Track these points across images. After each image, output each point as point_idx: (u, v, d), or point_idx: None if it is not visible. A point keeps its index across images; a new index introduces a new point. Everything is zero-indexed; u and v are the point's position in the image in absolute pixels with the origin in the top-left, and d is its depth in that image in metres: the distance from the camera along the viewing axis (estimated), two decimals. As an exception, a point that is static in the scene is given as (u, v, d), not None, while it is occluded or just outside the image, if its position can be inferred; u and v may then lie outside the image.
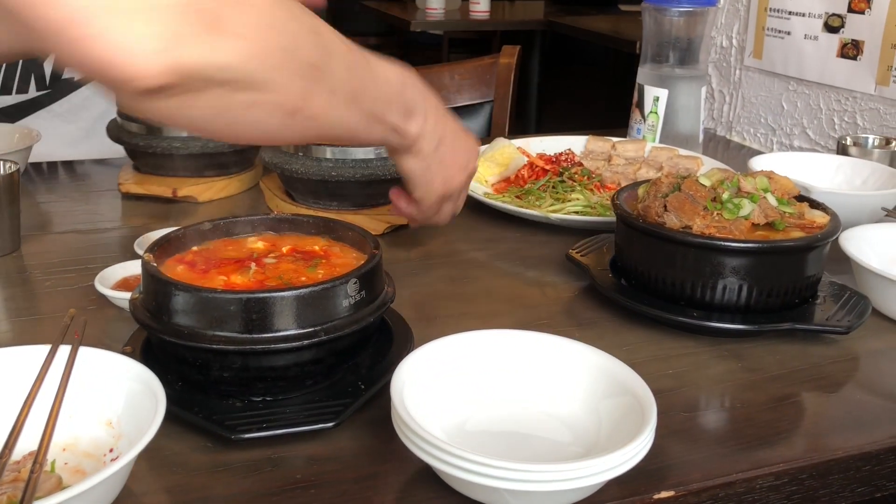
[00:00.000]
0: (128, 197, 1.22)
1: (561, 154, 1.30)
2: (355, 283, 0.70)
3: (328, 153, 1.08)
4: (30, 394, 0.60)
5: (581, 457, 0.62)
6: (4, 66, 1.41)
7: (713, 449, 0.69)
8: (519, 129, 2.44)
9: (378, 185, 1.08)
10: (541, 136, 1.44)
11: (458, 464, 0.55)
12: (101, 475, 0.51)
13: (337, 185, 1.09)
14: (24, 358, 0.66)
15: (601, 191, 1.22)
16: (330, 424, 0.66)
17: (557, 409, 0.68)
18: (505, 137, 1.40)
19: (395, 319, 0.82)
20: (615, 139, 1.43)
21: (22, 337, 0.84)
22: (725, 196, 0.87)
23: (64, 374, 0.63)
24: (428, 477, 0.63)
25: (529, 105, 4.52)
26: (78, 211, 1.19)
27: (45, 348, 0.66)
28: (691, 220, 0.84)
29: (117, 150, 1.51)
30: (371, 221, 1.10)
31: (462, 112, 1.95)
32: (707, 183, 0.89)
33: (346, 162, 1.08)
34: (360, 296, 0.71)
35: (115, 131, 1.24)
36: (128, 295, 0.85)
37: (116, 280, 0.91)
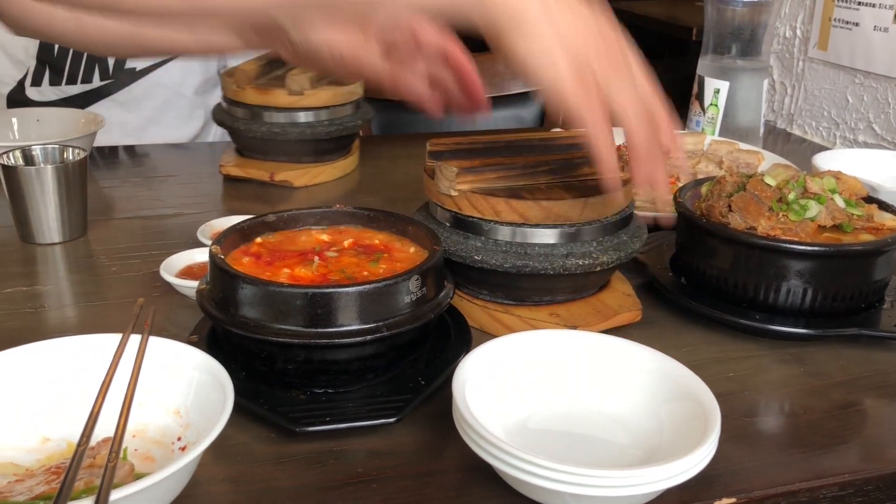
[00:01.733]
0: (228, 179, 1.26)
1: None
2: (417, 279, 0.70)
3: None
4: (104, 382, 0.62)
5: (642, 461, 0.62)
6: (71, 55, 1.44)
7: (775, 456, 0.68)
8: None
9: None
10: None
11: (521, 466, 0.55)
12: (178, 464, 0.53)
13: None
14: (96, 346, 0.68)
15: (659, 185, 1.20)
16: (391, 420, 0.67)
17: (616, 410, 0.68)
18: (559, 127, 1.38)
19: (453, 314, 0.83)
20: (673, 132, 1.41)
21: (89, 322, 0.86)
22: (791, 197, 0.85)
23: (135, 363, 0.64)
24: (486, 475, 0.63)
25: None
26: (140, 197, 1.22)
27: (115, 337, 0.68)
28: (756, 221, 0.83)
29: (176, 139, 1.54)
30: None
31: (515, 100, 1.94)
32: (772, 183, 0.87)
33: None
34: (421, 292, 0.71)
35: (220, 115, 1.27)
36: (192, 283, 0.87)
37: (180, 268, 0.93)
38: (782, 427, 0.74)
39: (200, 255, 0.95)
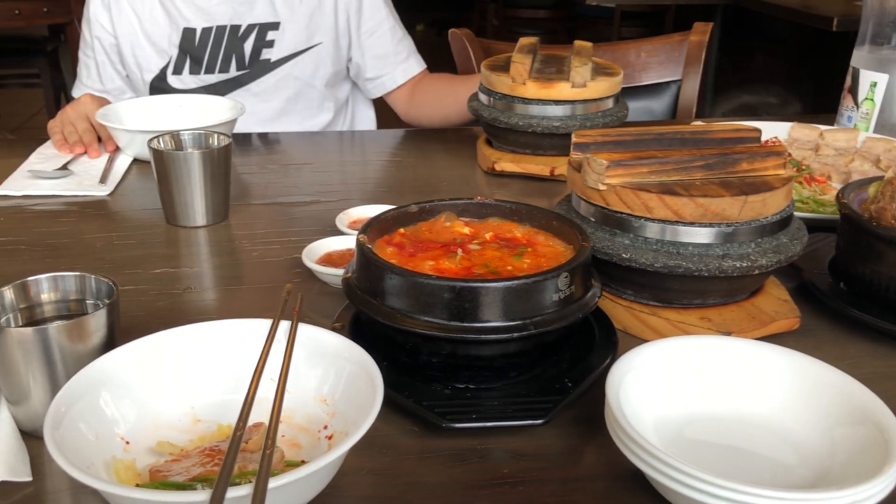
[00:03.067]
0: (491, 173, 1.25)
1: (766, 142, 1.22)
2: (566, 277, 0.68)
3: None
4: (257, 368, 0.63)
5: (811, 483, 0.58)
6: (210, 47, 1.49)
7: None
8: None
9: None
10: (734, 120, 1.35)
11: (684, 480, 0.52)
12: (334, 454, 0.53)
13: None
14: (245, 330, 0.69)
15: (811, 184, 1.13)
16: (539, 421, 0.64)
17: (781, 426, 0.63)
18: (693, 120, 1.32)
19: (596, 313, 0.80)
20: (823, 127, 1.32)
21: (233, 305, 0.88)
22: (976, 200, 0.78)
23: (286, 350, 0.65)
24: (636, 483, 0.60)
25: (706, 85, 4.30)
26: (277, 184, 1.24)
27: (264, 323, 0.69)
28: (935, 226, 0.76)
29: (306, 130, 1.56)
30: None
31: (646, 91, 1.88)
32: (953, 185, 0.80)
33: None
34: (570, 290, 0.69)
35: (482, 110, 1.23)
36: (334, 271, 0.88)
37: (320, 255, 0.93)
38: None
39: (339, 243, 0.95)
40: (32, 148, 1.32)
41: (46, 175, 1.20)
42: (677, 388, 0.65)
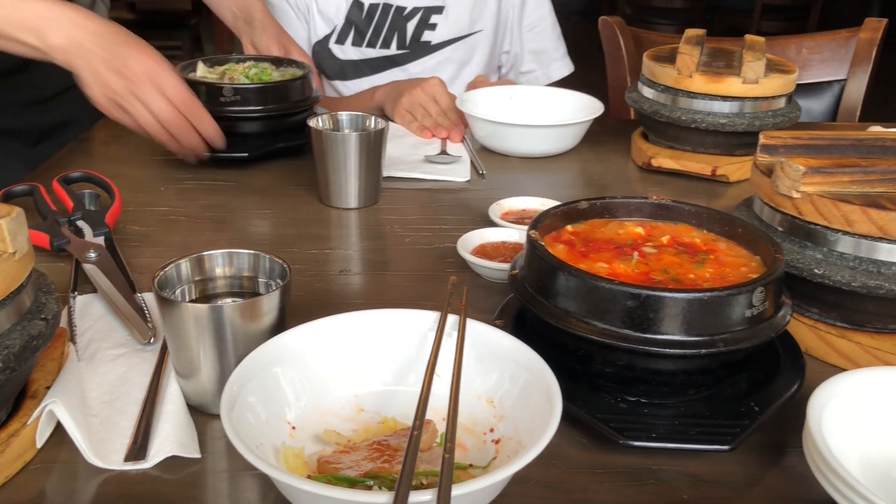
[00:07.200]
0: (646, 169, 1.19)
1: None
2: (761, 292, 0.62)
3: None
4: (429, 364, 0.60)
5: None
6: (375, 21, 1.49)
7: None
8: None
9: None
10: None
11: (910, 535, 0.46)
12: (516, 465, 0.50)
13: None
14: (410, 320, 0.67)
15: None
16: (724, 447, 0.59)
17: None
18: (875, 124, 1.22)
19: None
20: None
21: (387, 292, 0.86)
22: None
23: (457, 346, 0.62)
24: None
25: (871, 86, 4.03)
26: (425, 168, 1.22)
27: (428, 314, 0.67)
28: None
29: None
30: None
31: (805, 90, 1.76)
32: None
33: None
34: (763, 307, 0.63)
35: (642, 102, 1.18)
36: (494, 265, 0.85)
37: (475, 245, 0.91)
38: None
39: (494, 235, 0.92)
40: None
41: (435, 160, 1.20)
42: (885, 423, 0.59)
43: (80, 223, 0.91)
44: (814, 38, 1.77)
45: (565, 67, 1.62)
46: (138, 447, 0.60)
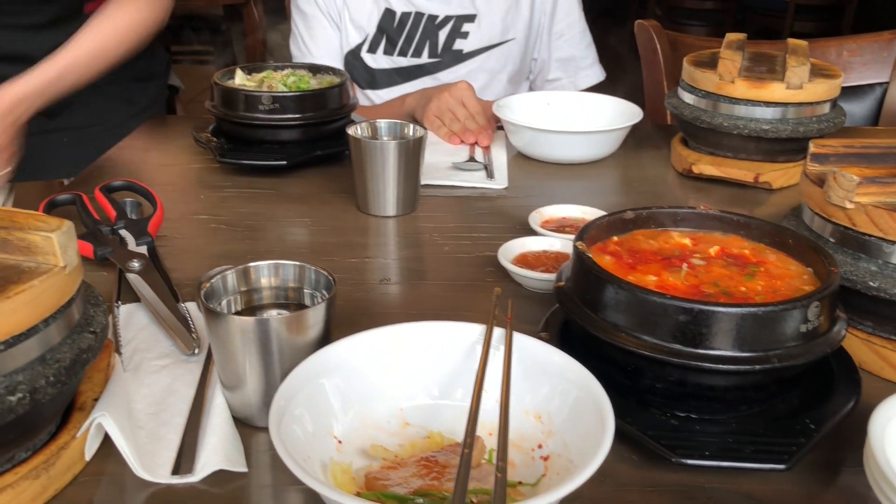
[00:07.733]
0: (686, 176, 1.17)
1: None
2: (817, 306, 0.61)
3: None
4: (476, 380, 0.59)
5: None
6: (406, 31, 1.49)
7: None
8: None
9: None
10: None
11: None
12: (570, 485, 0.49)
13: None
14: (454, 333, 0.66)
15: None
16: (781, 466, 0.58)
17: None
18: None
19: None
20: None
21: (429, 302, 0.85)
22: None
23: (504, 363, 0.61)
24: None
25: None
26: (462, 175, 1.21)
27: (474, 327, 0.66)
28: None
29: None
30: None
31: (846, 93, 1.72)
32: None
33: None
34: (818, 321, 0.62)
35: (682, 108, 1.16)
36: (537, 275, 0.84)
37: (515, 255, 0.90)
38: None
39: (535, 244, 0.92)
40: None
41: (463, 167, 1.20)
42: (948, 444, 0.57)
43: (123, 232, 0.91)
44: (855, 39, 1.74)
45: (594, 76, 1.59)
46: (185, 461, 0.60)
